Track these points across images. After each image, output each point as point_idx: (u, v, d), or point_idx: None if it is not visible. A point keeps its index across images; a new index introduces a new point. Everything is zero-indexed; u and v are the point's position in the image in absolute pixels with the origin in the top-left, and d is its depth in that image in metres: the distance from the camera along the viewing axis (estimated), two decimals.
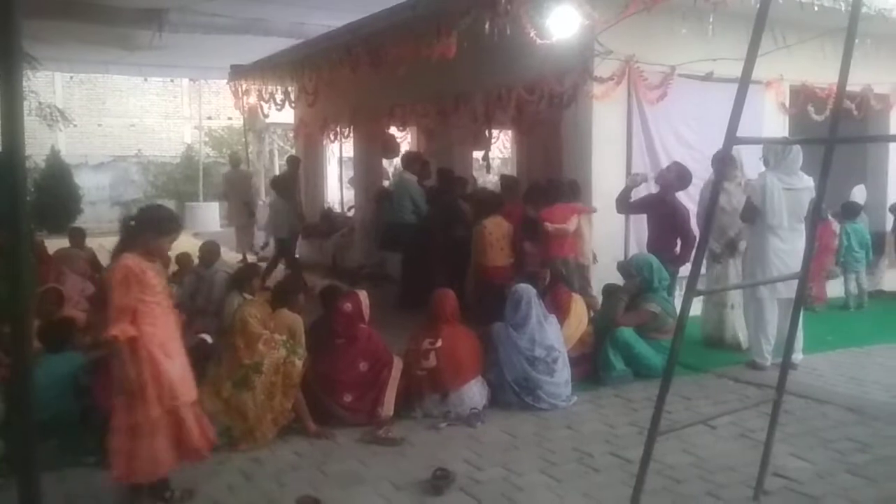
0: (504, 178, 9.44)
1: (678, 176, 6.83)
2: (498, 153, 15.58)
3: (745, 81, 2.92)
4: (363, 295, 5.41)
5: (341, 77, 9.62)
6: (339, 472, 4.30)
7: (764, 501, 3.82)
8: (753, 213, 6.13)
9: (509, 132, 13.06)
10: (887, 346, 6.93)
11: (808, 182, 6.09)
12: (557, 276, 6.50)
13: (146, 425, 3.64)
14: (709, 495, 3.94)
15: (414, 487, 4.06)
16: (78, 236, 9.12)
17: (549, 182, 7.64)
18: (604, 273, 6.97)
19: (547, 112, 8.09)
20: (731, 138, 2.96)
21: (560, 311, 5.99)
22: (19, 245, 2.16)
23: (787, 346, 3.87)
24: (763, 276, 6.11)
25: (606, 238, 7.31)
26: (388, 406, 5.05)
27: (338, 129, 12.08)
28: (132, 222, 3.87)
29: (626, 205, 6.91)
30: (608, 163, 7.32)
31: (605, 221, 7.30)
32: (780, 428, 4.01)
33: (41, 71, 12.69)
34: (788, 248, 6.05)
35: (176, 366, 3.76)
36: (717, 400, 5.51)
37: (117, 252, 3.79)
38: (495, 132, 11.62)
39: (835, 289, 8.67)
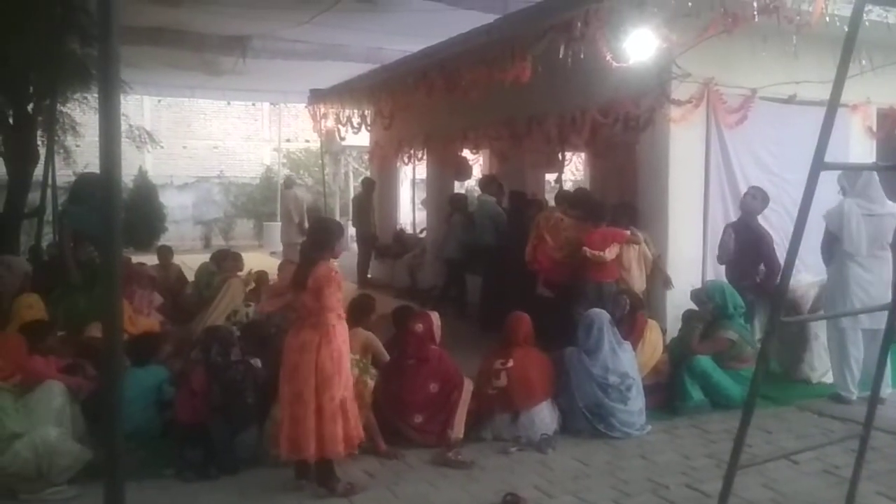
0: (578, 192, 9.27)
1: (763, 200, 6.73)
2: (570, 176, 15.47)
3: (833, 106, 2.82)
4: (434, 316, 5.44)
5: (416, 101, 9.75)
6: (409, 493, 4.31)
7: None
8: (832, 242, 5.94)
9: (582, 155, 12.96)
10: None
11: (891, 208, 5.86)
12: (637, 304, 6.37)
13: (329, 409, 4.15)
14: None
15: None
16: (166, 254, 9.58)
17: (595, 204, 7.63)
18: (680, 299, 6.81)
19: (622, 135, 8.00)
20: (819, 164, 2.86)
21: (635, 337, 5.90)
22: (113, 263, 2.27)
23: (876, 380, 3.69)
24: (844, 305, 5.87)
25: (683, 263, 7.15)
26: (458, 428, 5.04)
27: (412, 152, 12.24)
28: (316, 234, 4.51)
29: (726, 254, 6.75)
30: (685, 187, 7.17)
31: (681, 247, 7.15)
32: (867, 465, 3.81)
33: (131, 95, 13.30)
34: (871, 277, 5.81)
35: (349, 362, 4.37)
36: (800, 434, 5.30)
37: (311, 262, 4.32)
38: (568, 155, 11.55)
39: None
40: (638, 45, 6.45)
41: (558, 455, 4.89)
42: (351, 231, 13.81)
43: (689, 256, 7.19)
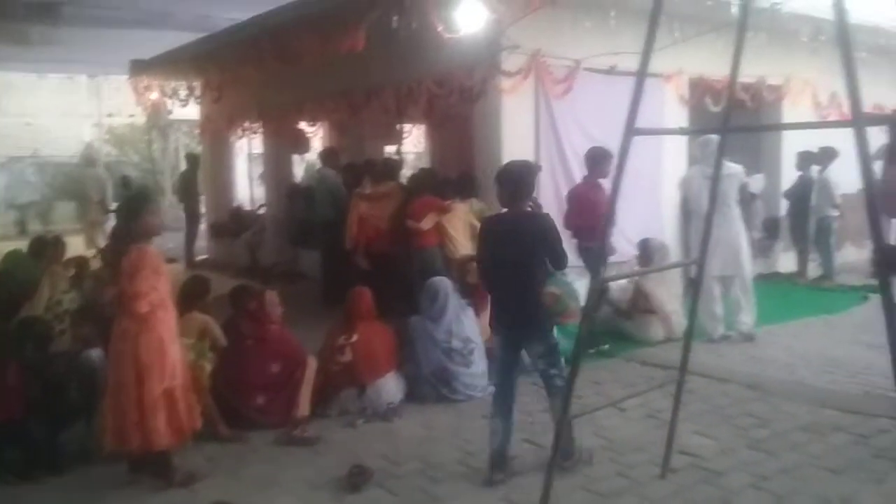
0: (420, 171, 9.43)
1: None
2: (412, 147, 15.57)
3: (641, 75, 3.01)
4: (272, 294, 5.32)
5: (248, 72, 9.38)
6: (253, 475, 4.23)
7: (670, 479, 3.96)
8: (685, 203, 6.92)
9: (422, 126, 13.07)
10: (783, 325, 7.30)
11: (731, 169, 6.54)
12: None
13: (149, 401, 3.91)
14: (619, 476, 4.07)
15: (331, 486, 4.04)
16: None
17: (418, 174, 8.05)
18: None
19: (457, 106, 8.12)
20: (630, 130, 3.05)
21: (485, 302, 6.07)
22: None
23: (689, 328, 4.02)
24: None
25: None
26: (304, 406, 4.98)
27: (246, 125, 11.81)
28: (120, 215, 4.24)
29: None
30: (518, 156, 7.34)
31: None
32: (684, 407, 4.16)
33: None
34: (718, 232, 6.31)
35: (176, 350, 4.07)
36: (626, 383, 5.69)
37: (122, 245, 4.10)
38: (408, 126, 11.60)
39: None
40: (468, 16, 6.54)
41: (404, 423, 4.97)
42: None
43: None
